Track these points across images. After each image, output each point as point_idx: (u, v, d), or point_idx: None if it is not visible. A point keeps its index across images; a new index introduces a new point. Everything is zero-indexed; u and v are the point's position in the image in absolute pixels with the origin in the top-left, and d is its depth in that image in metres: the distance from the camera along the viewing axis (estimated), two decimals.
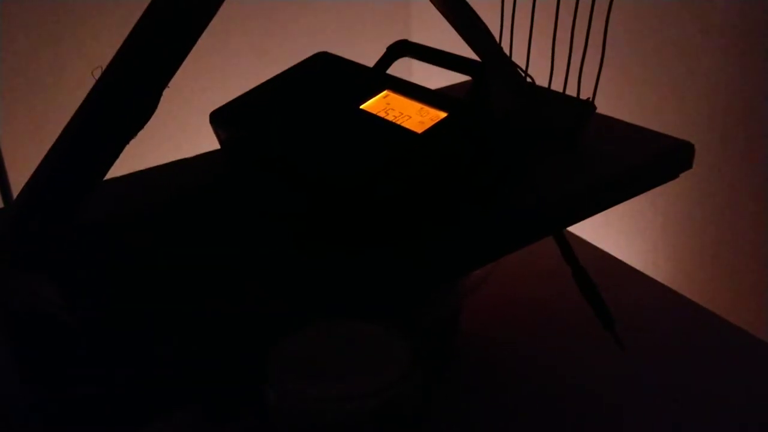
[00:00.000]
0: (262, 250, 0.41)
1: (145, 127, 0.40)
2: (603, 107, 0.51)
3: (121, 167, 0.44)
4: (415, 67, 1.10)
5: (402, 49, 0.51)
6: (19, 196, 0.41)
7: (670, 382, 0.48)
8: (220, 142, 0.53)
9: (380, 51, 0.52)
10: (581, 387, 0.47)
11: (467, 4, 0.51)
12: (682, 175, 0.49)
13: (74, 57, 0.95)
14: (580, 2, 0.46)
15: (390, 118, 0.45)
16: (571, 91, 0.49)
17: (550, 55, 0.51)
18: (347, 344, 0.32)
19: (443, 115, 0.43)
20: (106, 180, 0.42)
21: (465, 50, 0.51)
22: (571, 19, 0.47)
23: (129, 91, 0.38)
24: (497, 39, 0.52)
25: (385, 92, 0.47)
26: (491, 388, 0.47)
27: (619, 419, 0.45)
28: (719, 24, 0.70)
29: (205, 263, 0.41)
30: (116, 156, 0.40)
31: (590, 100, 0.48)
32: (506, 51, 0.52)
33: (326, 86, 0.50)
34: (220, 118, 0.51)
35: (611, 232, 0.89)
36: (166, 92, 0.41)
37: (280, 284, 0.39)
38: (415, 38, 1.12)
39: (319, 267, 0.39)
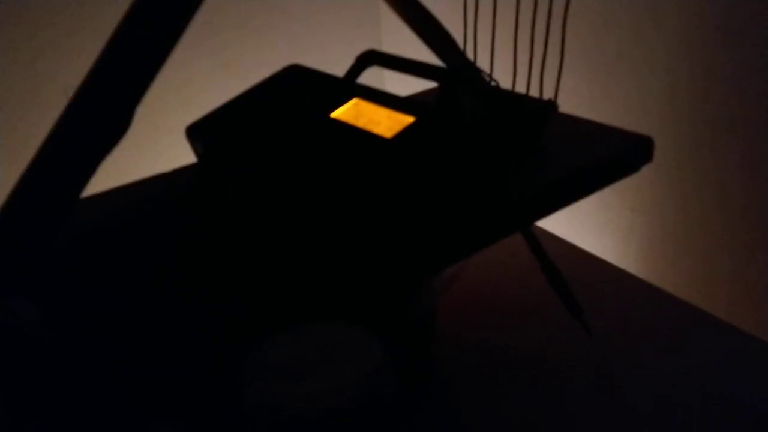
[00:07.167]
0: (239, 260, 0.42)
1: (123, 142, 0.41)
2: (565, 106, 0.53)
3: (97, 184, 0.45)
4: (387, 76, 1.11)
5: (370, 58, 0.53)
6: None
7: (645, 372, 0.49)
8: (197, 155, 0.54)
9: (351, 61, 0.54)
10: (556, 374, 0.49)
11: (430, 14, 0.52)
12: (650, 167, 0.50)
13: (48, 77, 0.95)
14: (539, 6, 0.48)
15: (360, 125, 0.46)
16: (534, 93, 0.51)
17: (512, 59, 0.53)
18: (321, 344, 0.33)
19: (411, 119, 0.44)
20: (83, 197, 0.43)
21: (434, 58, 0.53)
22: (531, 23, 0.49)
23: (102, 107, 0.39)
24: (461, 45, 0.53)
25: (354, 100, 0.48)
26: (470, 381, 0.48)
27: (596, 407, 0.46)
28: (675, 18, 0.73)
29: (182, 275, 0.42)
30: (92, 173, 0.41)
31: (552, 100, 0.50)
32: (470, 57, 0.54)
33: (298, 97, 0.51)
34: (196, 132, 0.52)
35: (581, 225, 0.90)
36: (141, 108, 0.42)
37: (257, 291, 0.40)
38: (386, 48, 1.14)
39: (296, 274, 0.40)
